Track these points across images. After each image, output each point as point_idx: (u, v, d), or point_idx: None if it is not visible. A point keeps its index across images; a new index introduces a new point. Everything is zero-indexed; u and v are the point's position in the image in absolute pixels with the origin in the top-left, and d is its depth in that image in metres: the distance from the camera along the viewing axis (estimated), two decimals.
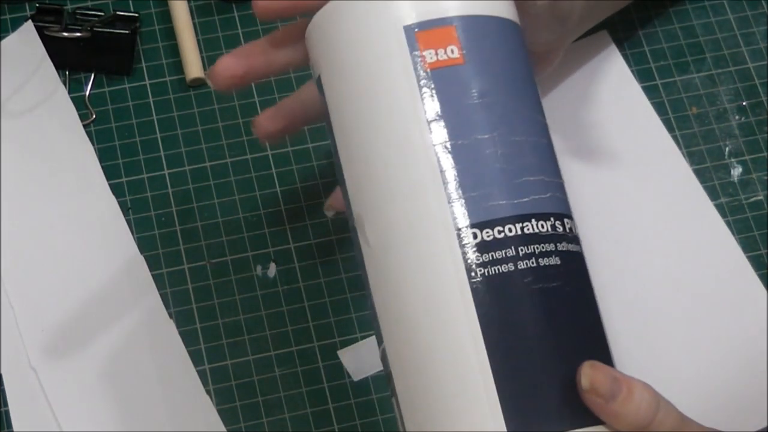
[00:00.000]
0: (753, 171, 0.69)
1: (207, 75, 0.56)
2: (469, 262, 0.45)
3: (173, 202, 0.67)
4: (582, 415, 0.45)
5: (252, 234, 0.66)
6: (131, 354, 0.63)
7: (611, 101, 0.70)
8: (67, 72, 0.70)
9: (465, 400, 0.45)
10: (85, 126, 0.69)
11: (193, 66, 0.70)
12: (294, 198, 0.67)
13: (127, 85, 0.70)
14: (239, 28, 0.72)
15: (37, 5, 0.70)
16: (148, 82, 0.70)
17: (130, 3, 0.72)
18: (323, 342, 0.64)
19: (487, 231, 0.46)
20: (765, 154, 0.70)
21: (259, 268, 0.66)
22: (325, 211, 0.64)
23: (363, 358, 0.63)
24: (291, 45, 0.54)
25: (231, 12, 0.72)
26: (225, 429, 0.62)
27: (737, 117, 0.71)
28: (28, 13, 0.71)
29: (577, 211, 0.67)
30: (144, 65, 0.71)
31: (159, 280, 0.65)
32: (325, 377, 0.63)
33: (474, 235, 0.45)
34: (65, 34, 0.69)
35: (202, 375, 0.63)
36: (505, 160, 0.46)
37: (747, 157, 0.70)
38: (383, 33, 0.47)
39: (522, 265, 0.45)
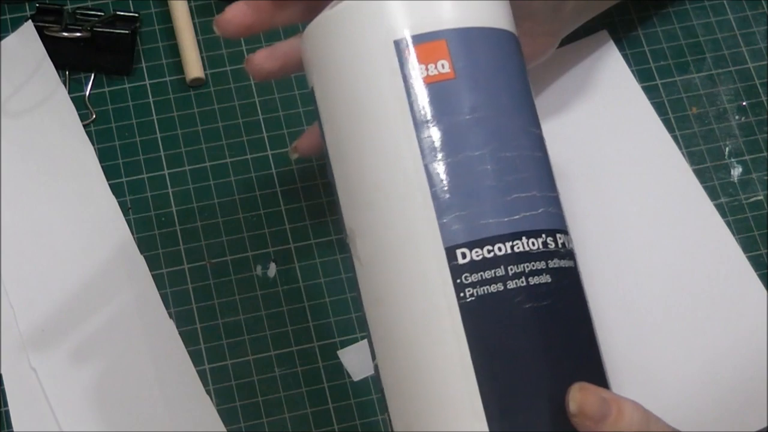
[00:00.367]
0: (753, 171, 0.69)
1: (215, 22, 0.55)
2: (459, 282, 0.45)
3: (173, 202, 0.67)
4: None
5: (252, 234, 0.66)
6: (131, 354, 0.63)
7: (611, 101, 0.70)
8: (67, 72, 0.70)
9: (453, 422, 0.45)
10: (85, 126, 0.69)
11: (193, 66, 0.70)
12: (294, 198, 0.67)
13: (127, 85, 0.70)
14: None
15: (37, 5, 0.70)
16: (148, 82, 0.70)
17: (130, 3, 0.72)
18: (323, 342, 0.64)
19: (477, 250, 0.45)
20: (765, 154, 0.70)
21: (259, 268, 0.66)
22: (290, 155, 0.62)
23: (363, 358, 0.63)
24: (295, 3, 0.54)
25: None
26: (225, 429, 0.62)
27: (737, 117, 0.71)
28: (28, 13, 0.71)
29: (577, 212, 0.67)
30: (144, 65, 0.71)
31: (159, 280, 0.65)
32: (325, 377, 0.63)
33: (463, 255, 0.45)
34: (65, 34, 0.69)
35: (202, 375, 0.63)
36: (496, 176, 0.46)
37: (747, 157, 0.70)
38: (373, 47, 0.47)
39: (512, 285, 0.45)
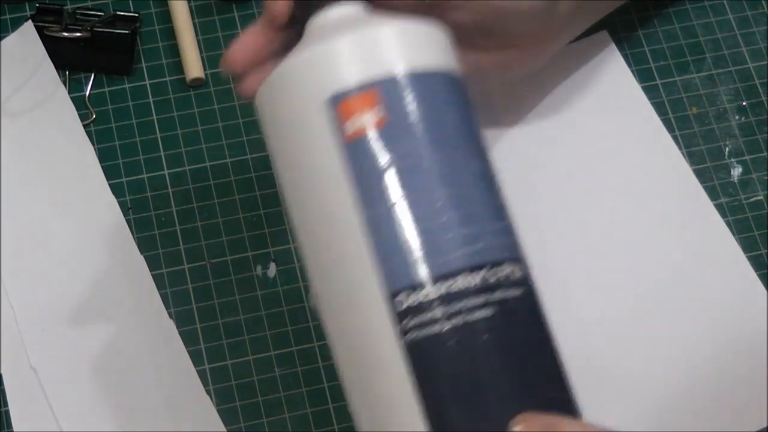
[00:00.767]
0: (753, 171, 0.69)
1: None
2: (401, 326, 0.46)
3: (173, 202, 0.67)
4: None
5: (252, 234, 0.66)
6: (131, 354, 0.63)
7: (611, 101, 0.70)
8: (67, 72, 0.70)
9: None
10: (85, 126, 0.69)
11: (193, 66, 0.70)
12: None
13: (127, 85, 0.70)
14: (239, 28, 0.72)
15: (37, 5, 0.70)
16: (148, 82, 0.70)
17: (130, 3, 0.72)
18: (323, 342, 0.64)
19: (414, 294, 0.46)
20: (765, 154, 0.70)
21: (259, 268, 0.66)
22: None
23: None
24: (285, 27, 0.54)
25: (231, 12, 0.72)
26: (225, 429, 0.62)
27: (737, 117, 0.71)
28: (28, 13, 0.71)
29: (577, 212, 0.67)
30: (144, 65, 0.71)
31: (159, 280, 0.65)
32: (325, 377, 0.63)
33: (402, 301, 0.46)
34: (65, 34, 0.69)
35: (202, 375, 0.63)
36: (430, 218, 0.46)
37: (747, 157, 0.70)
38: (307, 110, 0.48)
39: (448, 326, 0.45)
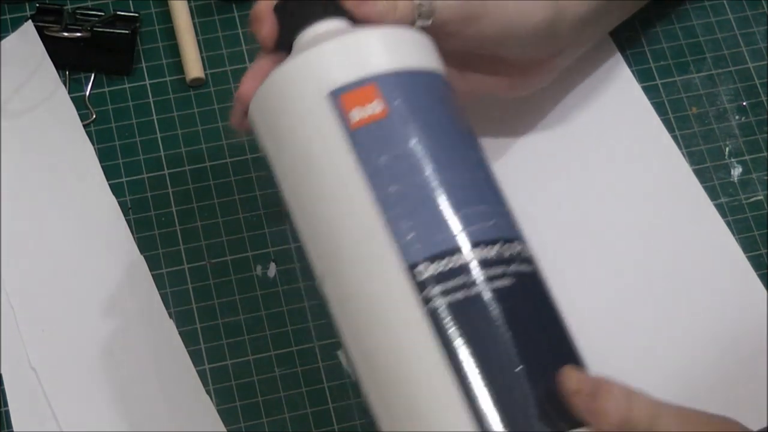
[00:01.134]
0: (753, 171, 0.69)
1: (236, 101, 0.56)
2: (424, 295, 0.47)
3: (173, 202, 0.67)
4: (552, 422, 0.46)
5: (252, 234, 0.66)
6: (131, 354, 0.63)
7: (611, 101, 0.70)
8: (67, 72, 0.70)
9: (438, 420, 0.47)
10: (85, 126, 0.69)
11: (193, 66, 0.70)
12: None
13: (127, 85, 0.70)
14: (239, 28, 0.72)
15: (37, 5, 0.70)
16: (148, 82, 0.70)
17: (130, 3, 0.72)
18: (323, 342, 0.64)
19: (437, 263, 0.48)
20: (765, 154, 0.70)
21: (259, 268, 0.66)
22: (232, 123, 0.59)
23: None
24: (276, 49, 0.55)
25: (231, 12, 0.72)
26: (225, 429, 0.62)
27: (737, 117, 0.71)
28: (28, 13, 0.71)
29: (576, 211, 0.67)
30: (144, 65, 0.71)
31: (159, 280, 0.65)
32: (325, 377, 0.63)
33: (425, 269, 0.48)
34: (65, 34, 0.69)
35: (202, 375, 0.63)
36: (443, 196, 0.49)
37: (747, 157, 0.70)
38: (310, 104, 0.50)
39: (475, 291, 0.47)
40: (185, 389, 0.62)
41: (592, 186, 0.68)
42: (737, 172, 0.69)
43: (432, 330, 0.47)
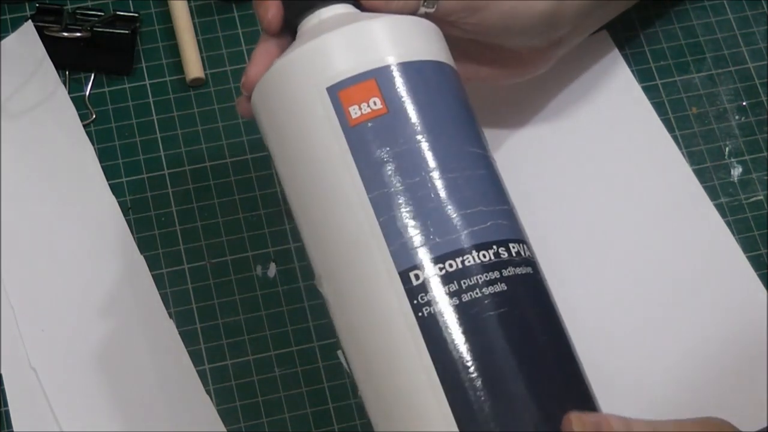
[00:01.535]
0: (753, 171, 0.69)
1: (243, 87, 0.55)
2: (415, 302, 0.47)
3: (173, 202, 0.67)
4: None
5: (252, 234, 0.66)
6: (131, 354, 0.63)
7: (611, 101, 0.70)
8: (67, 72, 0.70)
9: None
10: (85, 126, 0.69)
11: (193, 66, 0.70)
12: None
13: (127, 85, 0.70)
14: (239, 28, 0.72)
15: (37, 5, 0.70)
16: (148, 82, 0.70)
17: (130, 3, 0.72)
18: (323, 342, 0.64)
19: (428, 270, 0.47)
20: (765, 154, 0.70)
21: (259, 268, 0.66)
22: (238, 109, 0.59)
23: None
24: (280, 33, 0.55)
25: (231, 12, 0.72)
26: (225, 429, 0.62)
27: (737, 117, 0.71)
28: (28, 13, 0.71)
29: (576, 211, 0.67)
30: (144, 65, 0.71)
31: (159, 280, 0.65)
32: (325, 377, 0.63)
33: (416, 276, 0.47)
34: (65, 34, 0.69)
35: (202, 375, 0.63)
36: (438, 198, 0.48)
37: (747, 157, 0.70)
38: (309, 98, 0.50)
39: (466, 297, 0.47)
40: (185, 389, 0.62)
41: (592, 186, 0.68)
42: (737, 172, 0.69)
43: (422, 338, 0.46)
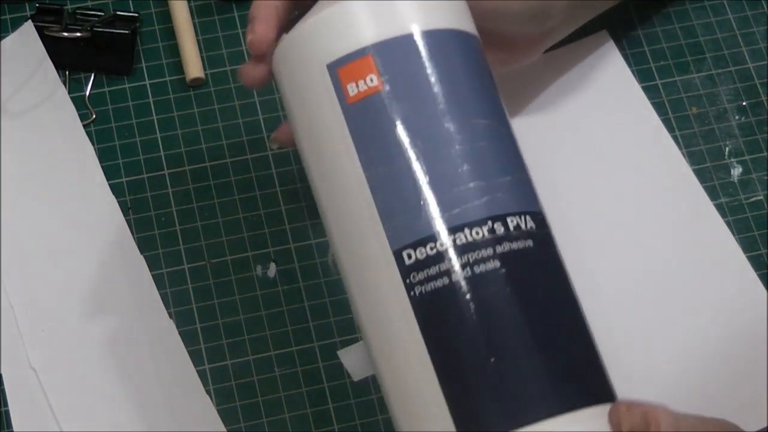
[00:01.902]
0: (753, 171, 0.69)
1: (250, 43, 0.55)
2: (408, 282, 0.47)
3: (173, 202, 0.67)
4: (522, 414, 0.45)
5: (252, 234, 0.66)
6: (131, 354, 0.63)
7: (611, 101, 0.70)
8: (67, 72, 0.70)
9: (424, 422, 0.47)
10: (85, 126, 0.69)
11: (193, 66, 0.70)
12: (294, 198, 0.67)
13: (127, 85, 0.70)
14: (239, 28, 0.72)
15: (37, 5, 0.70)
16: (148, 82, 0.70)
17: (130, 3, 0.72)
18: (323, 342, 0.64)
19: (420, 249, 0.47)
20: (765, 154, 0.70)
21: (259, 268, 0.66)
22: (270, 144, 0.63)
23: (363, 358, 0.63)
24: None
25: (231, 12, 0.72)
26: (225, 429, 0.62)
27: (737, 117, 0.71)
28: (28, 13, 0.71)
29: (577, 211, 0.67)
30: (144, 65, 0.71)
31: (159, 280, 0.65)
32: (325, 377, 0.63)
33: (409, 255, 0.47)
34: (65, 34, 0.69)
35: (202, 375, 0.63)
36: (432, 176, 0.48)
37: (747, 157, 0.70)
38: (312, 74, 0.50)
39: (456, 277, 0.46)
40: (185, 389, 0.62)
41: (591, 186, 0.68)
42: (737, 172, 0.69)
43: (416, 319, 0.47)
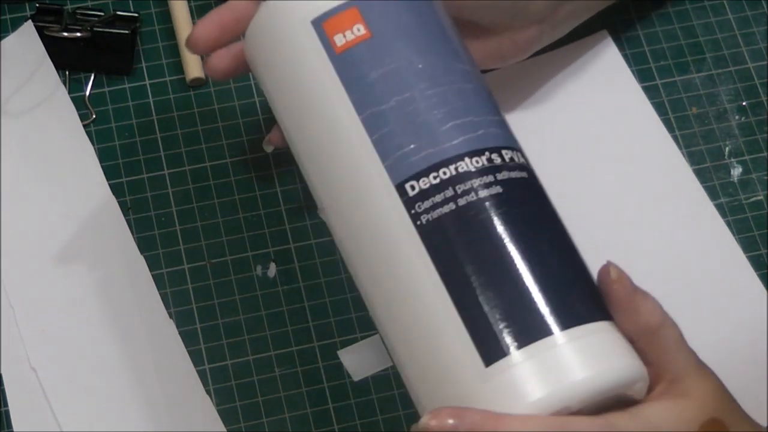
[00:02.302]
0: (753, 171, 0.69)
1: (187, 43, 0.59)
2: (413, 212, 0.48)
3: (173, 202, 0.67)
4: (536, 330, 0.46)
5: (252, 234, 0.66)
6: (131, 354, 0.63)
7: (611, 101, 0.70)
8: (67, 72, 0.70)
9: (450, 364, 0.47)
10: (85, 126, 0.69)
11: (193, 66, 0.70)
12: (294, 198, 0.67)
13: (127, 85, 0.70)
14: None
15: (37, 5, 0.70)
16: (148, 82, 0.70)
17: (130, 3, 0.72)
18: (323, 342, 0.64)
19: (424, 179, 0.48)
20: (765, 154, 0.70)
21: (259, 268, 0.66)
22: (264, 147, 0.63)
23: (363, 358, 0.63)
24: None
25: None
26: (225, 429, 0.62)
27: (737, 117, 0.71)
28: (28, 13, 0.71)
29: (577, 212, 0.67)
30: (144, 65, 0.71)
31: (159, 280, 0.65)
32: (325, 377, 0.63)
33: (412, 187, 0.48)
34: (65, 34, 0.69)
35: (202, 375, 0.63)
36: (428, 111, 0.50)
37: (747, 157, 0.70)
38: (297, 33, 0.52)
39: (462, 201, 0.48)
40: (185, 389, 0.62)
41: (591, 186, 0.68)
42: (737, 172, 0.69)
43: (425, 247, 0.48)
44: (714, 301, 0.65)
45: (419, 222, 0.48)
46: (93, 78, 0.70)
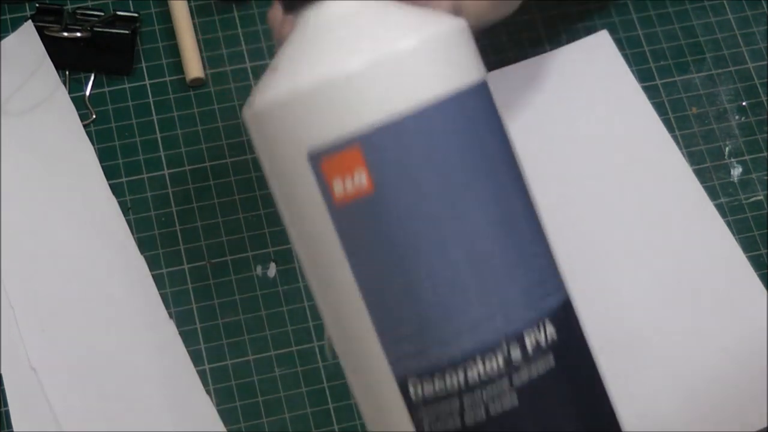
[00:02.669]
0: (753, 171, 0.69)
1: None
2: (416, 417, 0.41)
3: (173, 202, 0.67)
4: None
5: (252, 234, 0.66)
6: (131, 354, 0.63)
7: (611, 101, 0.70)
8: (67, 72, 0.70)
9: None
10: (85, 126, 0.69)
11: (193, 66, 0.70)
12: None
13: (127, 85, 0.70)
14: (239, 28, 0.72)
15: (37, 5, 0.70)
16: (148, 82, 0.70)
17: (130, 3, 0.72)
18: (323, 342, 0.64)
19: (427, 381, 0.41)
20: (765, 154, 0.70)
21: (259, 268, 0.66)
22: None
23: None
24: None
25: (231, 12, 0.72)
26: (225, 429, 0.62)
27: (737, 117, 0.71)
28: (28, 13, 0.71)
29: (576, 212, 0.67)
30: (144, 65, 0.71)
31: (159, 280, 0.65)
32: (325, 377, 0.63)
33: (414, 387, 0.41)
34: (65, 34, 0.69)
35: (202, 375, 0.63)
36: (434, 299, 0.40)
37: (747, 157, 0.70)
38: (293, 164, 0.41)
39: (469, 420, 0.40)
40: (185, 389, 0.62)
41: (591, 186, 0.68)
42: (737, 172, 0.69)
43: None
44: (714, 302, 0.65)
45: (421, 430, 0.41)
46: (93, 78, 0.70)
